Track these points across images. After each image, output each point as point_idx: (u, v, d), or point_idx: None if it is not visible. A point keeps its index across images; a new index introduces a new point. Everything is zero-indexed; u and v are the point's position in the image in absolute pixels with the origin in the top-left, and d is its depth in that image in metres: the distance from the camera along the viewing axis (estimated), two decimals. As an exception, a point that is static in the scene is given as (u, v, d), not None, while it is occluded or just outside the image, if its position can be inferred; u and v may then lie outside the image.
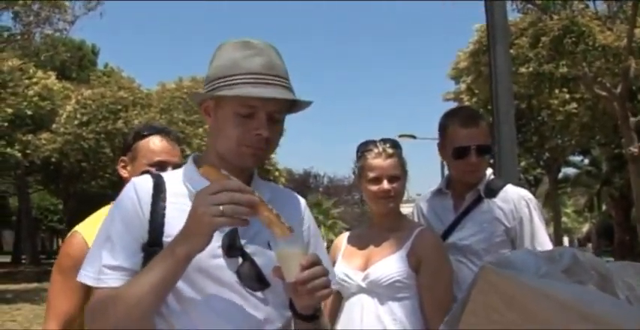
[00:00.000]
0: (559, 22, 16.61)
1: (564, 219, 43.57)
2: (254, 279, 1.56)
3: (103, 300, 1.49)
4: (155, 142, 2.42)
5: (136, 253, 1.53)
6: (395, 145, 2.55)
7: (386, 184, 2.48)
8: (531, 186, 33.85)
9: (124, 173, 2.45)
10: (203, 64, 1.67)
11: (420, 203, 2.93)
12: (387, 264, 2.43)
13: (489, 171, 2.79)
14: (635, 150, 16.82)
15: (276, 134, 1.60)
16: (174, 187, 1.63)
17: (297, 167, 55.95)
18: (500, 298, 1.06)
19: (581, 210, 47.28)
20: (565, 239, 46.25)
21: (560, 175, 33.05)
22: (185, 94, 24.82)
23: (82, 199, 28.13)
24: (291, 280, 1.41)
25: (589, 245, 51.29)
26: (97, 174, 26.44)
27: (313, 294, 1.41)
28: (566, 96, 20.53)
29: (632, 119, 17.16)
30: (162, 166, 2.35)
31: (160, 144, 2.42)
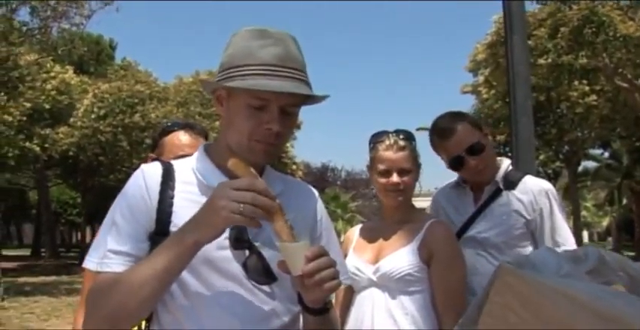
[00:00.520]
0: (578, 12, 16.41)
1: (584, 213, 43.25)
2: (261, 272, 1.52)
3: (104, 284, 1.46)
4: (179, 137, 2.47)
5: (141, 240, 1.51)
6: (408, 136, 2.50)
7: (395, 177, 2.43)
8: (550, 179, 33.51)
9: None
10: (220, 58, 1.60)
11: (438, 197, 2.89)
12: (397, 257, 2.39)
13: (507, 162, 2.74)
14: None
15: (287, 128, 1.54)
16: (183, 175, 1.59)
17: (315, 161, 56.04)
18: (517, 299, 1.00)
19: (601, 204, 46.89)
20: (585, 233, 45.96)
21: (580, 168, 32.77)
22: (202, 87, 24.88)
23: (100, 192, 28.36)
24: (297, 273, 1.36)
25: (609, 239, 50.90)
26: (114, 167, 26.67)
27: (321, 286, 1.36)
28: (586, 88, 20.29)
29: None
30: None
31: (184, 138, 2.47)
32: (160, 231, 1.50)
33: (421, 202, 2.65)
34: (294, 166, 29.89)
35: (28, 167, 27.45)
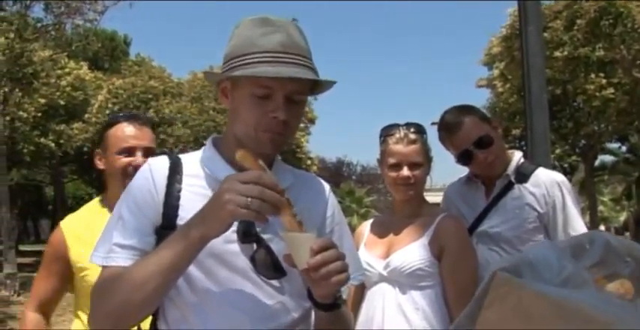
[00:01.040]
0: (595, 4, 16.20)
1: (601, 208, 42.86)
2: (269, 267, 1.49)
3: (108, 279, 1.44)
4: (123, 130, 2.40)
5: (148, 234, 1.49)
6: (419, 130, 2.48)
7: (406, 171, 2.41)
8: (566, 174, 33.24)
9: (100, 165, 2.45)
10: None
11: (449, 192, 2.86)
12: (408, 252, 2.37)
13: (519, 155, 2.71)
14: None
15: (295, 117, 1.52)
16: (191, 169, 1.57)
17: (330, 156, 55.95)
18: (513, 311, 0.96)
19: (618, 198, 46.45)
20: (602, 228, 45.47)
21: (597, 162, 32.42)
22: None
23: (115, 188, 28.42)
24: (303, 266, 1.33)
25: (626, 234, 50.39)
26: (129, 163, 26.72)
27: (328, 280, 1.32)
28: (603, 81, 20.02)
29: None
30: (130, 152, 2.37)
31: (128, 130, 2.40)
32: (167, 225, 1.48)
33: (432, 197, 2.61)
34: (309, 161, 29.80)
35: (44, 163, 27.60)
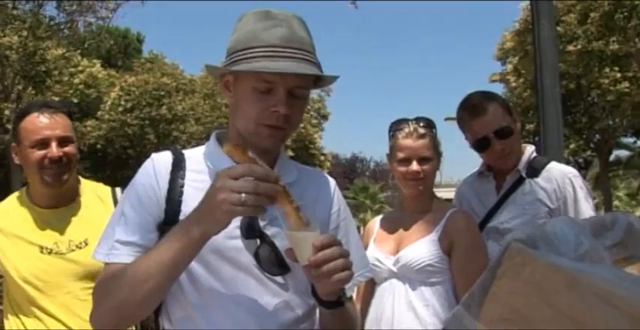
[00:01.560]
0: (609, -3, 16.03)
1: (616, 202, 42.51)
2: (274, 263, 1.48)
3: (110, 276, 1.44)
4: (32, 121, 2.26)
5: (150, 230, 1.48)
6: (428, 124, 2.46)
7: (415, 166, 2.39)
8: (581, 169, 32.97)
9: (16, 160, 2.35)
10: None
11: (461, 187, 2.85)
12: (417, 248, 2.35)
13: (531, 149, 2.68)
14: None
15: (296, 111, 1.50)
16: (194, 164, 1.56)
17: (344, 152, 55.87)
18: (527, 283, 0.94)
19: (633, 193, 46.04)
20: (617, 223, 44.88)
21: (612, 157, 32.13)
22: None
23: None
24: (304, 262, 1.32)
25: (642, 229, 49.83)
26: (141, 160, 26.29)
27: (329, 277, 1.30)
28: (618, 74, 19.83)
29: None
30: (44, 143, 2.25)
31: (38, 121, 2.26)
32: (170, 220, 1.47)
33: (442, 193, 2.58)
34: (322, 157, 29.82)
35: (58, 160, 27.81)
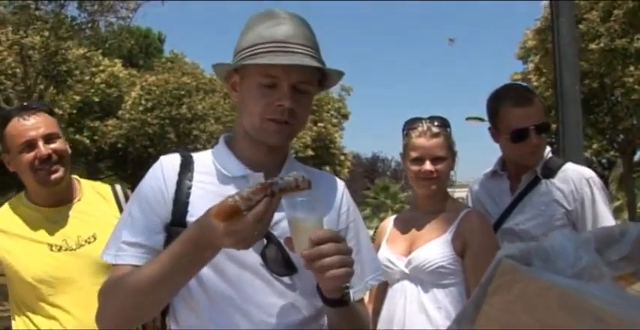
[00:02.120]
0: (634, -6, 15.79)
1: (640, 203, 41.89)
2: (280, 263, 1.48)
3: (116, 280, 1.45)
4: (14, 126, 2.27)
5: (157, 231, 1.49)
6: (442, 123, 2.44)
7: (428, 165, 2.37)
8: (604, 169, 32.63)
9: (10, 168, 2.36)
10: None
11: (474, 186, 2.82)
12: (430, 249, 2.33)
13: (546, 149, 2.64)
14: None
15: (302, 106, 1.51)
16: (202, 166, 1.58)
17: (365, 151, 55.79)
18: (518, 300, 0.90)
19: (658, 194, 45.38)
20: (641, 224, 44.36)
21: (636, 157, 31.66)
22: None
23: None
24: (299, 254, 1.31)
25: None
26: (162, 159, 26.97)
27: (323, 273, 1.29)
28: (642, 73, 19.57)
29: None
30: (31, 145, 2.26)
31: (20, 125, 2.26)
32: (177, 221, 1.48)
33: (457, 193, 2.55)
34: (343, 157, 29.73)
35: (80, 160, 28.05)
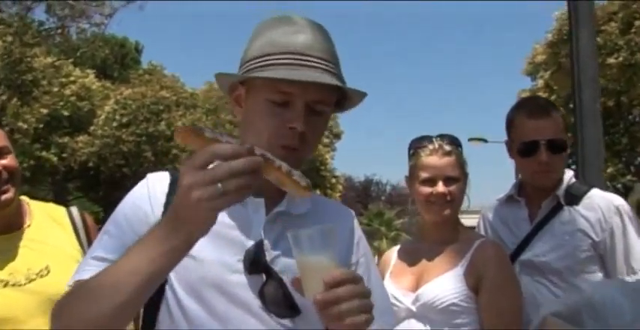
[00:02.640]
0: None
1: (660, 233, 42.04)
2: (281, 303, 1.42)
3: (70, 292, 1.35)
4: None
5: None
6: (454, 142, 2.42)
7: (441, 186, 2.34)
8: (621, 195, 32.63)
9: None
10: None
11: (487, 213, 2.80)
12: (440, 284, 2.28)
13: (569, 174, 2.63)
14: None
15: (315, 131, 1.47)
16: None
17: (358, 174, 55.92)
18: None
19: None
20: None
21: (656, 182, 31.81)
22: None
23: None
24: (310, 298, 1.23)
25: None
26: (138, 180, 26.59)
27: (341, 321, 1.21)
28: (663, 91, 19.75)
29: None
30: None
31: None
32: None
33: (467, 220, 2.51)
34: (334, 180, 29.78)
35: (46, 179, 27.92)
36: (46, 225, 2.30)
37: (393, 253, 2.57)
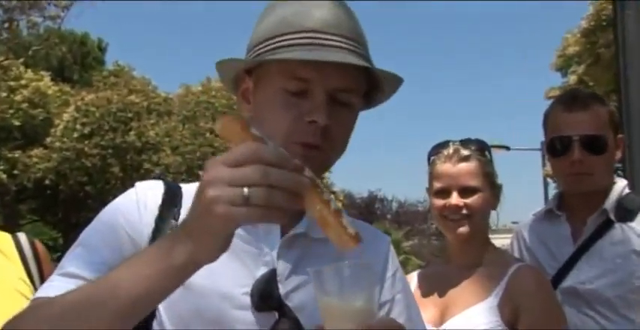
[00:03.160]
0: None
1: None
2: None
3: (27, 309, 1.28)
4: None
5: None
6: (477, 146, 2.44)
7: (455, 198, 2.34)
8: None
9: None
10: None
11: (521, 231, 2.80)
12: (470, 317, 2.28)
13: (622, 183, 2.62)
14: None
15: (342, 126, 1.43)
16: None
17: (360, 189, 56.03)
18: None
19: None
20: None
21: None
22: (214, 98, 25.04)
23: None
24: None
25: None
26: (104, 199, 26.88)
27: None
28: None
29: None
30: None
31: None
32: None
33: (499, 240, 2.45)
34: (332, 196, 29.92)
35: (-5, 200, 27.95)
36: None
37: (412, 279, 2.55)
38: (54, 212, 30.73)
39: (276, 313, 1.39)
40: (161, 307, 1.34)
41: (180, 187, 1.53)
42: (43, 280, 1.79)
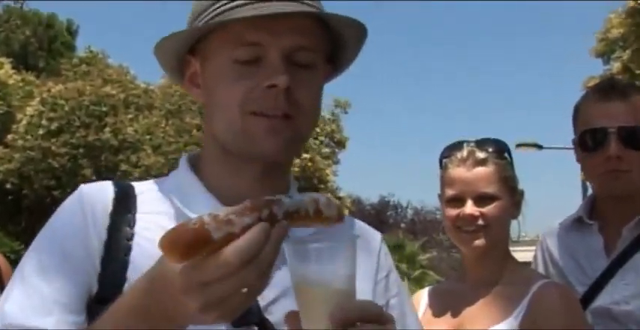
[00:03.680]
0: None
1: None
2: None
3: None
4: None
5: (73, 309, 1.38)
6: (494, 147, 2.46)
7: (470, 207, 2.36)
8: None
9: None
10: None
11: (547, 241, 2.81)
12: None
13: None
14: None
15: (306, 87, 1.45)
16: (151, 203, 1.52)
17: (370, 194, 55.80)
18: None
19: None
20: None
21: None
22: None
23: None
24: None
25: None
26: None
27: None
28: None
29: None
30: None
31: None
32: (108, 293, 1.38)
33: (522, 253, 2.50)
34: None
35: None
36: None
37: (422, 296, 2.60)
38: (16, 221, 30.66)
39: (256, 329, 1.42)
40: None
41: (132, 187, 1.55)
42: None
